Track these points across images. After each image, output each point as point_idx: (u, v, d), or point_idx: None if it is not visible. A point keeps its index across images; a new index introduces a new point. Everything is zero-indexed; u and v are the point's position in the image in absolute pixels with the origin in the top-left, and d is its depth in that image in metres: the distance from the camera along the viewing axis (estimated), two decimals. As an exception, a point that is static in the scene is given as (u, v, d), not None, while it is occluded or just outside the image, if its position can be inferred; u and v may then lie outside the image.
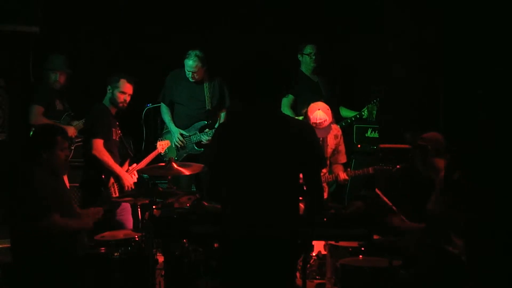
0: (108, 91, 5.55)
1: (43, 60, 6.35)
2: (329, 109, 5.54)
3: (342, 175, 5.68)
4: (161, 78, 6.57)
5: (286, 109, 6.36)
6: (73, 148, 6.19)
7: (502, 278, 4.51)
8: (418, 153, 4.35)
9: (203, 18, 7.16)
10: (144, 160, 5.78)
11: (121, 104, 5.54)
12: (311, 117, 5.47)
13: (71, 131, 6.09)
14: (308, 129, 3.40)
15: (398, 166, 5.30)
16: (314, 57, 6.53)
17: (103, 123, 5.44)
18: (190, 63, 6.16)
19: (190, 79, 6.24)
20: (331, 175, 5.72)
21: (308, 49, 6.55)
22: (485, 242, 4.43)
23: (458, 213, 4.10)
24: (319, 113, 5.47)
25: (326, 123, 5.49)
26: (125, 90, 5.54)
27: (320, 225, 4.09)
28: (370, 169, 5.61)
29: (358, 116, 6.32)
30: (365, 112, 6.26)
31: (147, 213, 4.50)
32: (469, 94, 5.87)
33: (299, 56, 6.62)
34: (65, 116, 6.33)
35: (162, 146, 6.05)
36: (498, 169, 5.34)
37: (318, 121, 5.45)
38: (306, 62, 6.58)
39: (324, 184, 5.73)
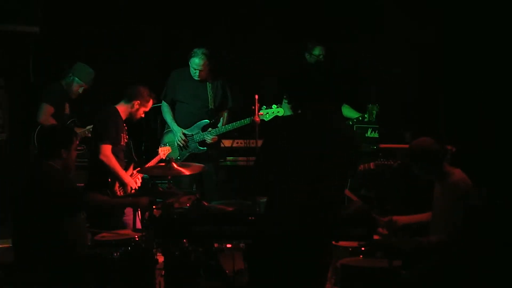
0: (129, 102, 5.48)
1: (73, 63, 6.30)
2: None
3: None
4: (161, 78, 6.55)
5: (288, 109, 6.35)
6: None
7: (502, 278, 4.51)
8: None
9: (203, 18, 7.16)
10: (146, 166, 5.75)
11: (135, 120, 5.59)
12: None
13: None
14: (351, 137, 3.50)
15: (399, 161, 5.29)
16: (322, 59, 6.52)
17: (113, 128, 5.37)
18: (197, 61, 6.11)
19: (196, 78, 6.20)
20: None
21: (317, 50, 6.54)
22: (485, 242, 4.42)
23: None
24: None
25: None
26: (148, 110, 5.61)
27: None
28: (372, 164, 5.56)
29: (360, 118, 6.32)
30: (367, 114, 6.26)
31: (147, 213, 4.50)
32: (469, 94, 5.88)
33: (307, 55, 6.60)
34: (70, 122, 6.29)
35: (163, 152, 6.01)
36: (498, 169, 5.35)
37: None
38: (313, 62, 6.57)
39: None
